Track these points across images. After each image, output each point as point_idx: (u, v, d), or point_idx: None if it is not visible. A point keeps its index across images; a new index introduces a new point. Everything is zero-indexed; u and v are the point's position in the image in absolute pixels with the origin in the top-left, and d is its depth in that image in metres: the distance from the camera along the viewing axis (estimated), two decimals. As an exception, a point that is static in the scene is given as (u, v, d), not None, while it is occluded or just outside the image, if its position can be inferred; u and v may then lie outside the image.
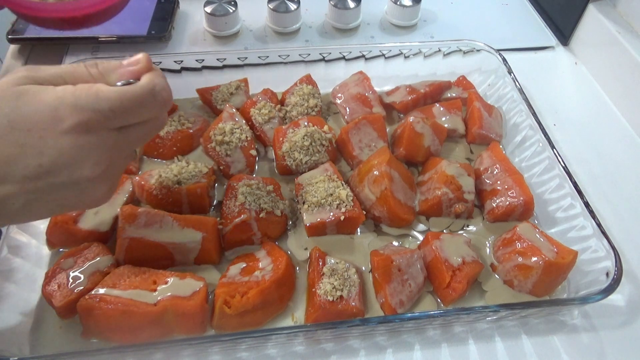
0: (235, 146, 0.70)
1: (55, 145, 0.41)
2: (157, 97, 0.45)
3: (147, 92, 0.44)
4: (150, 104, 0.45)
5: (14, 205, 0.42)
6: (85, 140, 0.42)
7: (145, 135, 0.48)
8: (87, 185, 0.44)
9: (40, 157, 0.41)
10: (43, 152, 0.41)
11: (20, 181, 0.41)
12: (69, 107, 0.41)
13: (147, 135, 0.49)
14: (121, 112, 0.43)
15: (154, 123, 0.48)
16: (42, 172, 0.41)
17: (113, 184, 0.48)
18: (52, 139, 0.41)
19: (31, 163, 0.41)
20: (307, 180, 0.67)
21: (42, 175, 0.41)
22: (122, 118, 0.44)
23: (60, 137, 0.41)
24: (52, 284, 0.55)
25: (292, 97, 0.78)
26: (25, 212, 0.43)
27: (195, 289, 0.55)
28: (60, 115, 0.41)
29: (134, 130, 0.46)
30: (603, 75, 0.92)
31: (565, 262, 0.58)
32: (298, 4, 0.94)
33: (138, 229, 0.59)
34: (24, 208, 0.43)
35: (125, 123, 0.45)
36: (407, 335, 0.59)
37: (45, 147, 0.41)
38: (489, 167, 0.70)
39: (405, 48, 0.84)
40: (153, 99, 0.45)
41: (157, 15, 0.94)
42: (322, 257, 0.60)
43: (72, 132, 0.41)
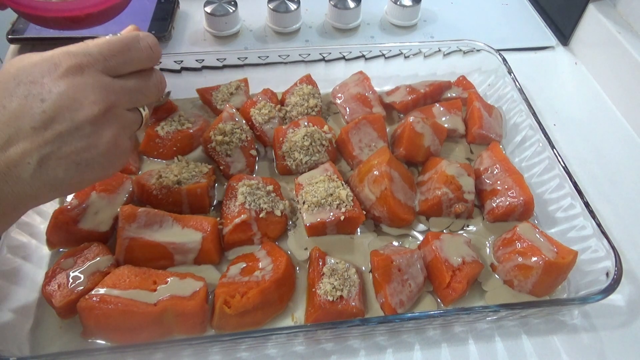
0: (235, 146, 0.70)
1: (54, 89, 0.45)
2: (142, 42, 0.51)
3: (131, 37, 0.50)
4: (136, 48, 0.50)
5: (30, 165, 0.44)
6: (80, 80, 0.46)
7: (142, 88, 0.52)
8: (91, 130, 0.46)
9: (42, 103, 0.44)
10: (44, 97, 0.44)
11: (30, 134, 0.44)
12: (62, 54, 0.46)
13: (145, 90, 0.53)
14: (109, 54, 0.48)
15: (148, 76, 0.53)
16: (47, 119, 0.44)
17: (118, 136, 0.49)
18: (50, 84, 0.45)
19: (36, 112, 0.44)
20: (307, 180, 0.67)
21: (47, 122, 0.44)
22: (111, 61, 0.48)
23: (58, 81, 0.45)
24: (52, 284, 0.55)
25: (292, 97, 0.78)
26: (43, 173, 0.45)
27: (195, 289, 0.55)
28: (56, 62, 0.46)
29: (129, 80, 0.51)
30: (603, 75, 0.92)
31: (565, 262, 0.58)
32: (298, 4, 0.94)
33: (138, 229, 0.59)
34: (40, 167, 0.44)
35: (116, 69, 0.49)
36: (407, 335, 0.59)
37: (45, 92, 0.44)
38: (489, 167, 0.70)
39: (405, 48, 0.83)
40: (137, 43, 0.50)
41: (157, 15, 0.94)
42: (322, 257, 0.60)
43: (67, 75, 0.45)
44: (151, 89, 0.54)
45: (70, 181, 0.47)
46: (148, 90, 0.53)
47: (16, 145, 0.43)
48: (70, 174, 0.46)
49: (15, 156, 0.43)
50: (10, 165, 0.43)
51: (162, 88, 0.56)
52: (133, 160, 0.71)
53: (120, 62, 0.49)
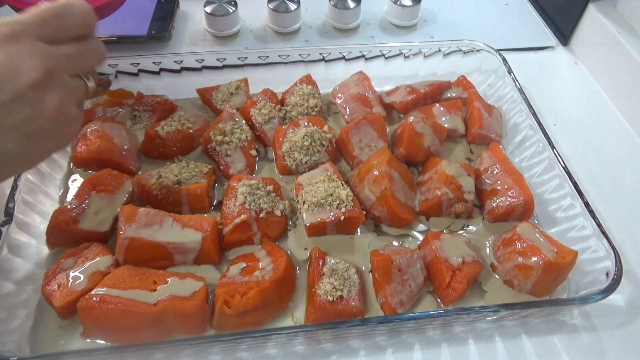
0: (235, 146, 0.70)
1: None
2: (75, 8, 0.50)
3: (64, 3, 0.50)
4: (70, 13, 0.50)
5: None
6: (16, 48, 0.45)
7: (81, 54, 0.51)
8: (33, 96, 0.45)
9: None
10: None
11: None
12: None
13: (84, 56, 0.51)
14: (42, 20, 0.47)
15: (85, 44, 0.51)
16: None
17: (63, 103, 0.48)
18: None
19: None
20: (307, 180, 0.67)
21: None
22: (45, 26, 0.47)
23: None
24: (52, 284, 0.55)
25: (292, 97, 0.78)
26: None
27: (195, 289, 0.55)
28: None
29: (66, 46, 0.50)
30: (603, 75, 0.92)
31: (565, 262, 0.58)
32: (298, 4, 0.94)
33: (138, 229, 0.59)
34: None
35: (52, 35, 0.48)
36: (407, 335, 0.59)
37: None
38: (489, 167, 0.70)
39: (405, 48, 0.84)
40: (71, 8, 0.50)
41: (157, 15, 0.94)
42: (322, 257, 0.60)
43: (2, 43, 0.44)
44: (90, 54, 0.52)
45: (23, 153, 0.46)
46: (87, 55, 0.52)
47: None
48: (21, 145, 0.46)
49: None
50: None
51: (101, 54, 0.54)
52: (133, 160, 0.71)
53: (55, 28, 0.48)
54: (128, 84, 0.80)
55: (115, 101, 0.78)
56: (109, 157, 0.68)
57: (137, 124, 0.76)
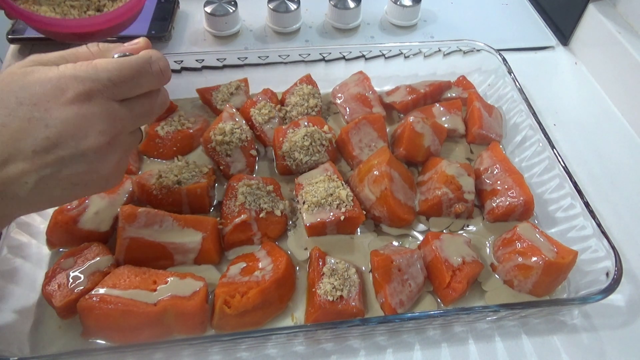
0: (235, 146, 0.70)
1: (60, 116, 0.42)
2: (154, 66, 0.48)
3: (143, 61, 0.47)
4: (147, 72, 0.48)
5: (27, 185, 0.43)
6: (87, 109, 0.44)
7: (148, 110, 0.50)
8: (94, 157, 0.45)
9: (46, 129, 0.42)
10: (49, 124, 0.42)
11: (30, 157, 0.42)
12: (70, 78, 0.43)
13: (151, 111, 0.51)
14: (119, 81, 0.45)
15: (155, 97, 0.51)
16: (50, 145, 0.42)
17: (121, 161, 0.49)
18: (56, 110, 0.43)
19: (38, 136, 0.42)
20: (307, 180, 0.67)
21: (50, 148, 0.42)
22: (121, 87, 0.46)
23: (64, 108, 0.43)
24: (52, 284, 0.55)
25: (292, 97, 0.78)
26: (39, 192, 0.43)
27: (195, 289, 0.55)
28: (62, 87, 0.43)
29: (137, 103, 0.48)
30: (603, 75, 0.92)
31: (565, 262, 0.58)
32: (298, 4, 0.94)
33: (138, 229, 0.59)
34: (37, 187, 0.43)
35: (125, 93, 0.47)
36: (407, 335, 0.59)
37: (50, 118, 0.42)
38: (489, 167, 0.70)
39: (405, 48, 0.84)
40: (149, 67, 0.48)
41: (157, 15, 0.94)
42: (322, 257, 0.60)
43: (74, 102, 0.43)
44: (156, 109, 0.52)
45: (67, 198, 0.47)
46: (154, 111, 0.52)
47: (15, 164, 0.42)
48: (67, 193, 0.46)
49: (13, 175, 0.42)
50: (7, 184, 0.42)
51: (166, 106, 0.54)
52: (133, 160, 0.71)
53: (129, 89, 0.47)
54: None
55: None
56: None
57: None
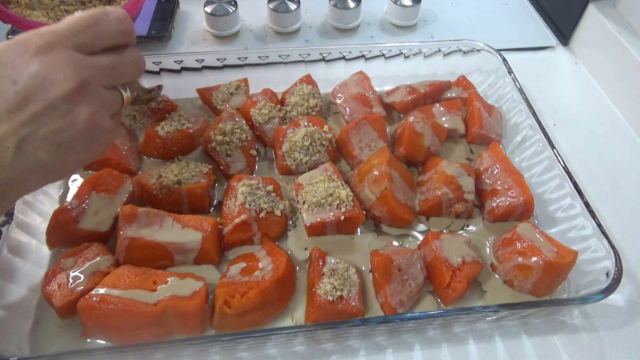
0: (235, 146, 0.70)
1: (25, 69, 0.44)
2: (110, 15, 0.50)
3: (99, 11, 0.49)
4: (105, 21, 0.49)
5: (10, 150, 0.43)
6: (50, 58, 0.45)
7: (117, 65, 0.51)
8: (66, 107, 0.45)
9: (15, 85, 0.43)
10: (16, 79, 0.44)
11: (6, 118, 0.43)
12: (31, 34, 0.46)
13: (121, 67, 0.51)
14: (77, 30, 0.47)
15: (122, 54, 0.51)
16: (20, 100, 0.43)
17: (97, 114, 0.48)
18: (21, 65, 0.44)
19: (9, 93, 0.43)
20: (307, 180, 0.67)
21: (21, 103, 0.43)
22: (79, 36, 0.47)
23: (28, 61, 0.44)
24: (52, 284, 0.55)
25: (292, 97, 0.78)
26: (24, 157, 0.44)
27: (195, 289, 0.55)
28: (25, 42, 0.45)
29: (103, 57, 0.49)
30: (603, 75, 0.92)
31: (565, 262, 0.58)
32: (298, 4, 0.94)
33: (138, 229, 0.59)
34: (20, 150, 0.43)
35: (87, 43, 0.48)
36: (407, 335, 0.59)
37: (17, 74, 0.44)
38: (489, 167, 0.70)
39: (405, 48, 0.84)
40: (106, 16, 0.49)
41: (157, 15, 0.94)
42: (322, 257, 0.60)
43: (37, 54, 0.45)
44: (127, 65, 0.52)
45: (54, 163, 0.46)
46: (124, 66, 0.52)
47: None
48: (52, 155, 0.46)
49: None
50: None
51: (140, 65, 0.54)
52: (133, 160, 0.71)
53: (90, 37, 0.48)
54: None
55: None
56: (109, 157, 0.68)
57: (137, 124, 0.76)
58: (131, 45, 0.53)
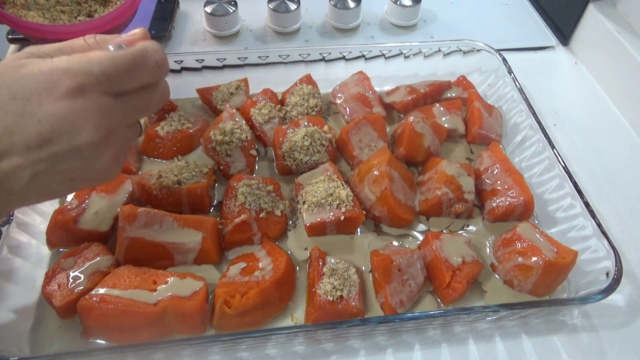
0: (235, 146, 0.70)
1: (52, 111, 0.41)
2: (149, 59, 0.46)
3: (138, 54, 0.45)
4: (143, 66, 0.46)
5: (22, 179, 0.42)
6: (80, 104, 0.42)
7: (146, 104, 0.48)
8: (90, 152, 0.44)
9: (39, 124, 0.41)
10: (41, 119, 0.41)
11: (24, 152, 0.41)
12: (62, 72, 0.42)
13: (149, 105, 0.49)
14: (113, 75, 0.44)
15: (153, 91, 0.49)
16: (43, 141, 0.41)
17: (118, 155, 0.47)
18: (48, 105, 0.41)
19: (31, 132, 0.41)
20: (307, 180, 0.67)
21: (43, 143, 0.41)
22: (115, 81, 0.44)
23: (57, 103, 0.41)
24: (52, 284, 0.55)
25: (292, 97, 0.78)
26: (35, 187, 0.43)
27: (195, 289, 0.55)
28: (55, 81, 0.42)
29: (133, 98, 0.47)
30: (603, 75, 0.92)
31: (565, 262, 0.58)
32: (298, 4, 0.94)
33: (138, 229, 0.59)
34: (33, 182, 0.42)
35: (120, 87, 0.45)
36: (407, 335, 0.59)
37: (43, 114, 0.41)
38: (489, 167, 0.70)
39: (405, 48, 0.84)
40: (145, 60, 0.46)
41: (157, 15, 0.94)
42: (322, 257, 0.60)
43: (67, 96, 0.42)
44: (154, 102, 0.50)
45: (64, 192, 0.46)
46: (152, 104, 0.50)
47: (9, 159, 0.41)
48: (64, 186, 0.45)
49: (7, 169, 0.41)
50: (2, 178, 0.41)
51: (165, 99, 0.52)
52: (133, 160, 0.71)
53: (125, 82, 0.45)
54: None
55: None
56: (109, 157, 0.68)
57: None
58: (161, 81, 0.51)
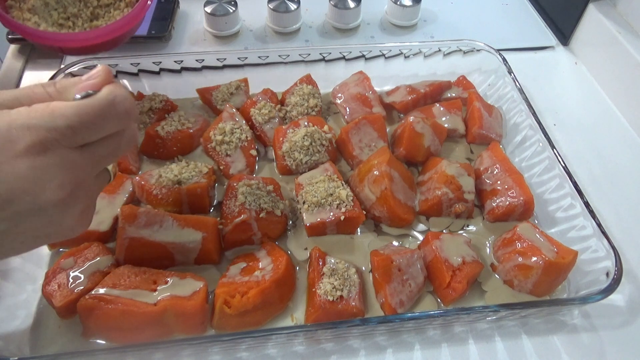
0: (235, 146, 0.70)
1: (11, 170, 0.38)
2: (118, 108, 0.42)
3: (106, 104, 0.41)
4: (111, 115, 0.42)
5: None
6: (42, 162, 0.39)
7: (113, 151, 0.45)
8: (55, 211, 0.40)
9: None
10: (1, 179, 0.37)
11: None
12: (21, 128, 0.38)
13: (116, 152, 0.45)
14: (80, 128, 0.40)
15: (120, 138, 0.45)
16: (2, 202, 0.38)
17: (87, 208, 0.44)
18: (7, 165, 0.38)
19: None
20: (307, 180, 0.67)
21: (3, 205, 0.38)
22: (81, 134, 0.41)
23: (15, 161, 0.38)
24: (52, 284, 0.55)
25: (292, 97, 0.78)
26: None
27: (195, 289, 0.55)
28: (13, 138, 0.38)
29: (99, 147, 0.43)
30: (603, 75, 0.92)
31: (565, 262, 0.58)
32: (298, 4, 0.94)
33: (138, 229, 0.59)
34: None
35: (87, 139, 0.42)
36: (407, 335, 0.59)
37: (2, 173, 0.37)
38: (489, 167, 0.70)
39: (405, 48, 0.84)
40: (114, 109, 0.42)
41: (157, 15, 0.94)
42: (322, 257, 0.60)
43: (27, 154, 0.38)
44: (122, 148, 0.45)
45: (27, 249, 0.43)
46: (120, 151, 0.45)
47: None
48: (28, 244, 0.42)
49: None
50: None
51: (134, 141, 0.47)
52: (133, 160, 0.71)
53: (91, 133, 0.41)
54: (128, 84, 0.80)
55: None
56: (109, 157, 0.68)
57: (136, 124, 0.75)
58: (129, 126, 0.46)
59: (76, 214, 0.43)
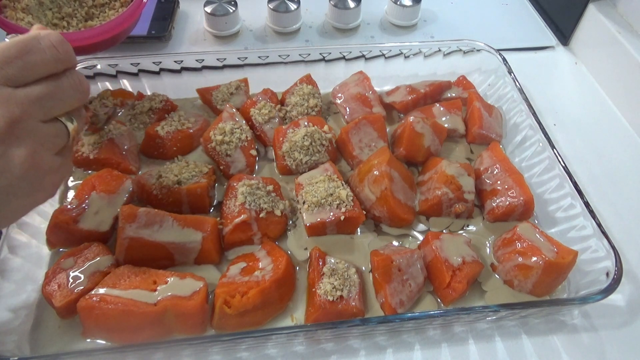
0: (235, 146, 0.70)
1: None
2: (42, 42, 0.44)
3: (29, 38, 0.43)
4: (36, 49, 0.43)
5: None
6: None
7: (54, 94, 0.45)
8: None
9: None
10: None
11: None
12: None
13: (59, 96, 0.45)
14: (5, 62, 0.42)
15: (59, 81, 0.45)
16: None
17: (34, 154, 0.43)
18: None
19: None
20: (307, 180, 0.67)
21: None
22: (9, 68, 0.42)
23: None
24: (52, 284, 0.55)
25: (292, 97, 0.78)
26: None
27: (195, 289, 0.55)
28: None
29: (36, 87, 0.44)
30: (603, 75, 0.92)
31: (565, 262, 0.58)
32: (298, 4, 0.94)
33: (138, 229, 0.59)
34: None
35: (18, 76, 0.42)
36: (407, 335, 0.59)
37: None
38: (489, 167, 0.70)
39: (405, 48, 0.84)
40: (37, 43, 0.43)
41: (157, 15, 0.94)
42: (322, 257, 0.60)
43: None
44: (66, 92, 0.46)
45: None
46: (62, 94, 0.45)
47: None
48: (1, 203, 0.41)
49: None
50: None
51: (82, 89, 0.47)
52: (133, 160, 0.71)
53: (20, 69, 0.42)
54: (128, 84, 0.80)
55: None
56: (109, 157, 0.68)
57: (136, 124, 0.76)
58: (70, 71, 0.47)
59: (23, 157, 0.42)
